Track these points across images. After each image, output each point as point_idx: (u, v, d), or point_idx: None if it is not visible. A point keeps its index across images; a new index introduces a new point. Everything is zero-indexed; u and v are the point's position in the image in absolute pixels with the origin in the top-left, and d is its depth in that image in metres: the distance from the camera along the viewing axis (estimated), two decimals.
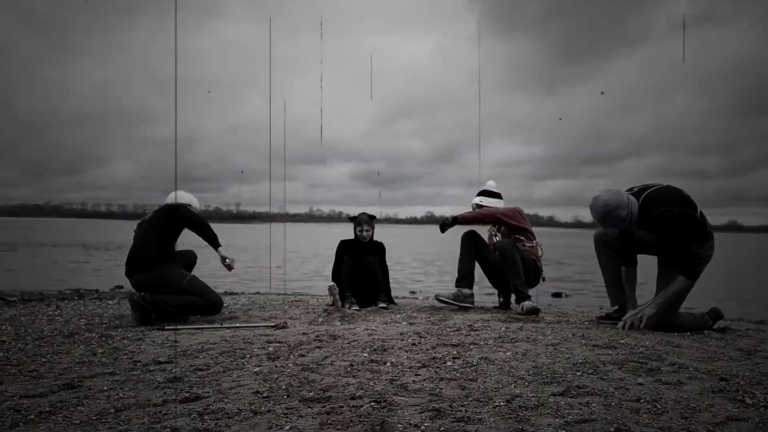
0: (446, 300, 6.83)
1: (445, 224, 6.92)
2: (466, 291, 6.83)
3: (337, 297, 6.97)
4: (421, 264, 23.71)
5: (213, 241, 6.33)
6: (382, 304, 6.99)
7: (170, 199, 6.65)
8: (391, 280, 7.45)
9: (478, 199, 7.38)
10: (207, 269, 13.97)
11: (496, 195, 7.43)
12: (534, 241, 7.04)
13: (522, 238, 7.01)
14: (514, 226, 7.01)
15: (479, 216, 6.99)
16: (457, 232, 7.04)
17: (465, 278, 6.85)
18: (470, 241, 6.89)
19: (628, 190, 5.31)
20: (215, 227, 6.44)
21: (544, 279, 7.02)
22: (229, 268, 6.47)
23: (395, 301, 7.51)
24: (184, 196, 6.76)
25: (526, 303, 6.51)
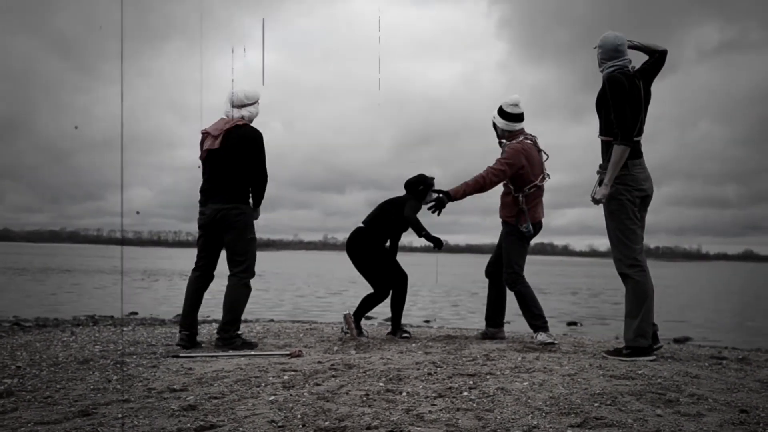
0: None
1: (441, 204, 6.35)
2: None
3: (353, 325, 6.94)
4: (438, 293, 23.66)
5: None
6: (404, 335, 6.90)
7: (241, 102, 6.09)
8: (404, 311, 7.28)
9: (494, 114, 6.58)
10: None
11: (513, 117, 6.47)
12: (542, 178, 6.44)
13: (524, 190, 6.35)
14: (517, 177, 6.35)
15: (475, 187, 6.28)
16: (480, 265, 6.78)
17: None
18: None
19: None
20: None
21: (527, 231, 6.38)
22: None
23: (408, 329, 7.29)
24: (252, 94, 6.18)
25: (541, 336, 6.32)
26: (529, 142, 6.44)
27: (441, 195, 6.39)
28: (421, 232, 6.56)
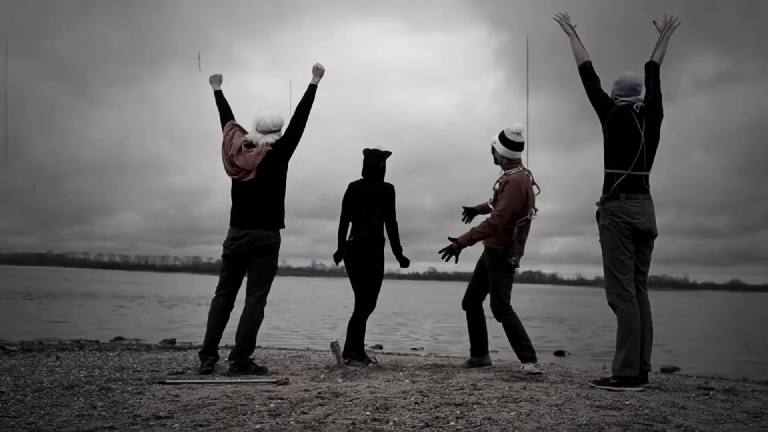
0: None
1: (453, 253, 6.17)
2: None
3: (340, 353, 6.92)
4: (425, 320, 23.62)
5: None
6: (371, 363, 6.78)
7: (268, 129, 6.16)
8: (393, 339, 7.23)
9: (494, 138, 6.50)
10: None
11: (515, 145, 6.41)
12: (531, 213, 6.40)
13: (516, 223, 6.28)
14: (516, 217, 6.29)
15: (480, 235, 6.21)
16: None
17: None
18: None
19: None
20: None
21: (515, 263, 6.35)
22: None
23: (371, 360, 6.98)
24: (278, 121, 6.25)
25: (528, 366, 6.30)
26: (525, 174, 6.44)
27: (452, 243, 6.22)
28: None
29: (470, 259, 6.85)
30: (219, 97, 6.58)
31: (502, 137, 6.44)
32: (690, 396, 5.23)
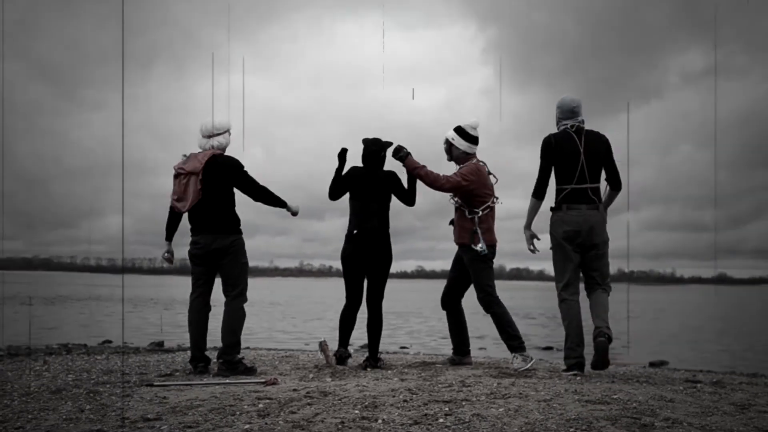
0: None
1: (400, 157, 6.49)
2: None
3: (329, 353, 6.91)
4: (414, 318, 23.61)
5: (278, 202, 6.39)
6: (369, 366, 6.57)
7: (210, 132, 6.25)
8: (381, 337, 7.05)
9: (450, 134, 6.59)
10: None
11: (474, 139, 6.56)
12: (493, 201, 6.49)
13: (478, 211, 6.40)
14: (469, 196, 6.42)
15: (428, 177, 6.37)
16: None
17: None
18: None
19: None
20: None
21: (483, 250, 6.32)
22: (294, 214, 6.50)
23: (382, 357, 6.99)
24: (223, 125, 6.32)
25: (517, 362, 6.34)
26: (482, 164, 6.56)
27: (404, 153, 6.49)
28: None
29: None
30: None
31: (462, 132, 6.54)
32: (678, 389, 5.25)
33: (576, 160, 5.84)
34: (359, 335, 7.57)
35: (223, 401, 4.66)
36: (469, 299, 6.67)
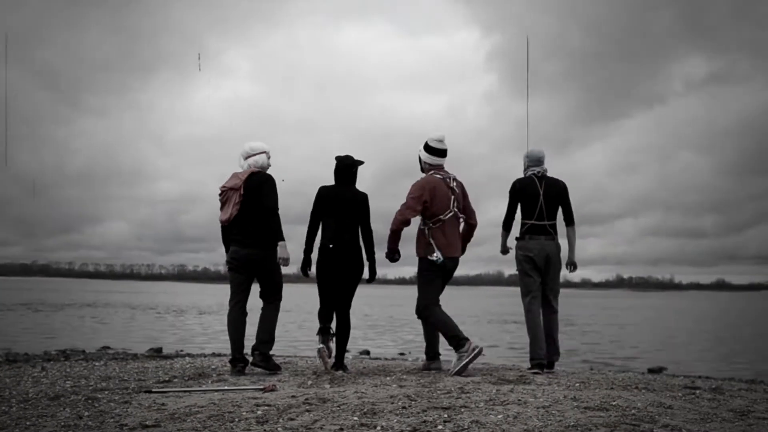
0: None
1: (390, 258, 6.93)
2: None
3: (327, 359, 6.91)
4: (413, 325, 23.60)
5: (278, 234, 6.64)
6: (339, 371, 6.77)
7: (248, 153, 6.78)
8: (379, 344, 7.31)
9: (420, 148, 7.08)
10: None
11: (437, 151, 6.97)
12: (446, 214, 6.75)
13: (429, 223, 6.76)
14: (425, 206, 6.72)
15: (392, 238, 6.84)
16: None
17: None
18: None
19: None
20: (204, 288, 6.43)
21: (437, 258, 6.67)
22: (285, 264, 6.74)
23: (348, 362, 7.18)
24: (258, 147, 6.85)
25: (454, 366, 6.57)
26: (438, 177, 6.84)
27: (386, 252, 6.92)
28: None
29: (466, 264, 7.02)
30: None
31: (426, 145, 7.01)
32: (677, 396, 5.25)
33: (536, 201, 7.00)
34: (358, 342, 7.54)
35: (221, 408, 4.65)
36: (455, 305, 6.67)
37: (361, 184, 7.03)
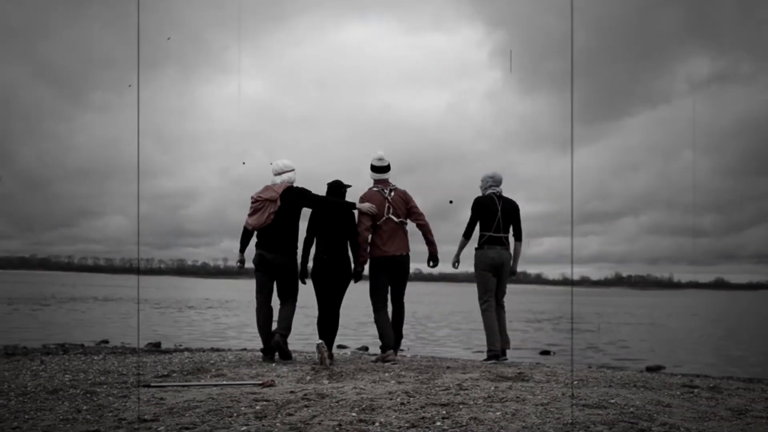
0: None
1: (357, 276, 7.88)
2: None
3: (325, 355, 6.92)
4: (409, 321, 23.61)
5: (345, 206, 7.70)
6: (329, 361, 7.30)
7: (281, 170, 7.73)
8: (378, 341, 7.57)
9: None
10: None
11: (377, 168, 7.98)
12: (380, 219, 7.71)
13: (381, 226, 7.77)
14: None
15: (362, 256, 7.77)
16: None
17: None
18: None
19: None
20: (202, 283, 6.45)
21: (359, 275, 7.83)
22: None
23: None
24: (289, 165, 7.81)
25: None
26: (375, 189, 7.88)
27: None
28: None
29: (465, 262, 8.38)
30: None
31: (370, 165, 7.98)
32: (675, 394, 5.25)
33: (495, 216, 8.10)
34: (356, 339, 7.55)
35: (220, 403, 4.65)
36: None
37: (360, 181, 7.79)
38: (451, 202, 8.88)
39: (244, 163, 7.87)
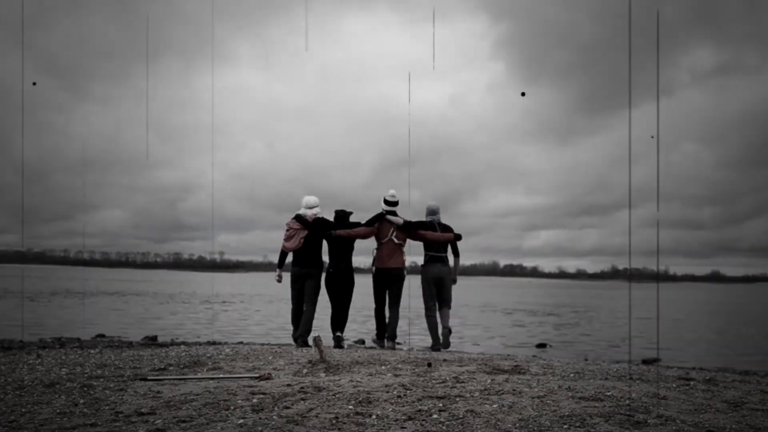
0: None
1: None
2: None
3: (322, 348, 6.91)
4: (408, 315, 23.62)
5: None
6: (339, 336, 9.33)
7: (312, 206, 9.58)
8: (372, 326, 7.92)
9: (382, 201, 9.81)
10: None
11: (388, 203, 9.70)
12: (382, 240, 9.56)
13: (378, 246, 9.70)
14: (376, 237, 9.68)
15: (354, 233, 9.55)
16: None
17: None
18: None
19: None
20: (198, 276, 6.45)
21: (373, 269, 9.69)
22: None
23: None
24: (316, 203, 9.64)
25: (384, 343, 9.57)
26: (386, 216, 9.61)
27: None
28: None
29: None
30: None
31: (383, 199, 9.69)
32: (671, 386, 5.27)
33: (434, 239, 9.65)
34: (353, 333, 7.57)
35: (217, 396, 4.66)
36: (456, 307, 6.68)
37: (360, 173, 7.92)
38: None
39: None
